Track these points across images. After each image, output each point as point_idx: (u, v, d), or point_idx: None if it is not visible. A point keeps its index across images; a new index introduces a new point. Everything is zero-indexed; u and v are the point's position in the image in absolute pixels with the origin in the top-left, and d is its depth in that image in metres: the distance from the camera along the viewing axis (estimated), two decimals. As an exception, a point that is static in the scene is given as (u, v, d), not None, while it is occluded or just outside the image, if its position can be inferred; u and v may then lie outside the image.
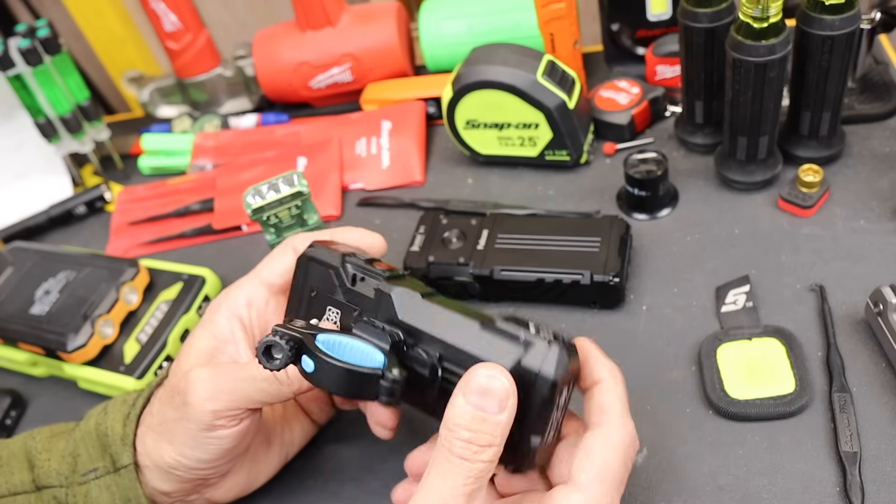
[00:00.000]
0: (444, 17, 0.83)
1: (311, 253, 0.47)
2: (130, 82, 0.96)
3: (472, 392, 0.36)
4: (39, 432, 0.51)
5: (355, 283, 0.44)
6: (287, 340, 0.38)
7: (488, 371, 0.36)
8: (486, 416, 0.36)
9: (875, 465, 0.46)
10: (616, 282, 0.57)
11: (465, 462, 0.36)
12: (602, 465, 0.38)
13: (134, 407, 0.48)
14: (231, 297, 0.48)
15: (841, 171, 0.64)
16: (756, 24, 0.55)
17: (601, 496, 0.37)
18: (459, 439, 0.36)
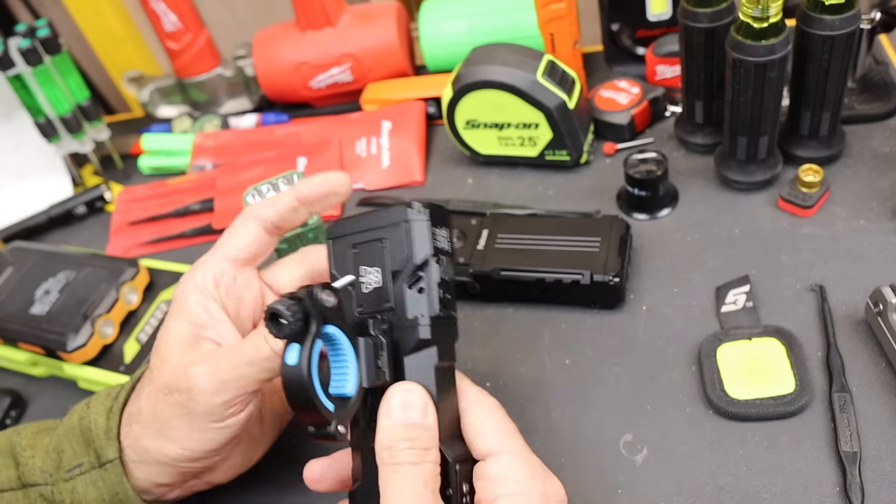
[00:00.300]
0: (444, 17, 0.83)
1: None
2: (130, 82, 0.96)
3: (395, 409, 0.38)
4: (25, 428, 0.50)
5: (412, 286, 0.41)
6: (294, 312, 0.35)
7: (402, 386, 0.39)
8: (415, 422, 0.38)
9: (875, 465, 0.46)
10: (616, 282, 0.57)
11: (416, 465, 0.37)
12: (495, 425, 0.40)
13: (116, 400, 0.47)
14: (198, 279, 0.46)
15: (841, 171, 0.64)
16: (756, 24, 0.55)
17: (517, 445, 0.40)
18: (402, 449, 0.37)
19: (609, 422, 0.52)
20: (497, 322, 0.60)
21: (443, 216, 0.42)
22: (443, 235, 0.42)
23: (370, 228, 0.42)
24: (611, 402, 0.53)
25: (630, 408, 0.52)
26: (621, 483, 0.49)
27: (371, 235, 0.42)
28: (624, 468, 0.49)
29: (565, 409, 0.53)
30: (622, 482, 0.49)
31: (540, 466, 0.40)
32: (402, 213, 0.41)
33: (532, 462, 0.40)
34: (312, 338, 0.36)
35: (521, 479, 0.38)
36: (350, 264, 0.42)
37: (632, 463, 0.50)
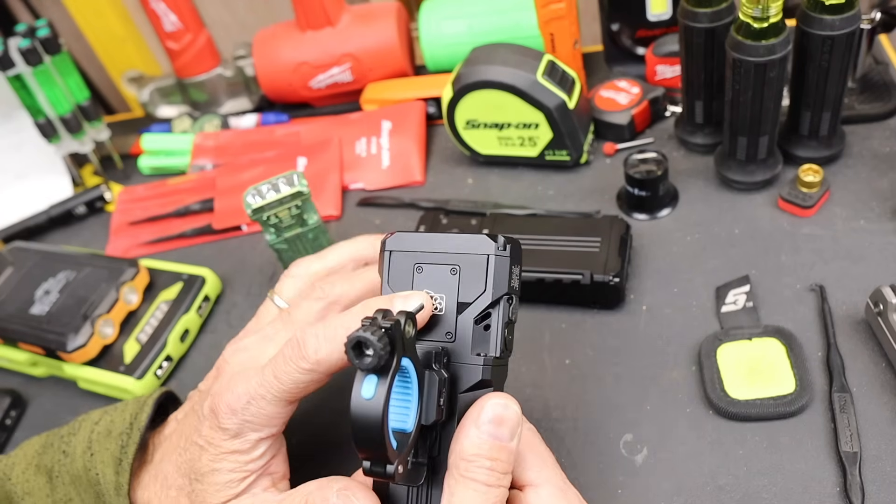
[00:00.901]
0: (444, 17, 0.83)
1: None
2: (130, 82, 0.96)
3: (486, 422, 0.36)
4: (12, 469, 0.48)
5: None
6: (385, 344, 0.32)
7: (500, 400, 0.36)
8: (503, 444, 0.36)
9: (875, 465, 0.46)
10: (616, 282, 0.57)
11: (491, 488, 0.36)
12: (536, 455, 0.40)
13: (125, 454, 0.45)
14: (262, 426, 0.41)
15: (841, 171, 0.64)
16: (756, 24, 0.55)
17: (557, 476, 0.39)
18: (482, 468, 0.35)
19: (609, 422, 0.52)
20: (497, 322, 0.60)
21: (519, 253, 0.39)
22: (516, 274, 0.39)
23: (443, 251, 0.39)
24: (611, 402, 0.53)
25: (630, 408, 0.52)
26: (621, 483, 0.49)
27: (443, 259, 0.39)
28: (624, 468, 0.49)
29: (565, 409, 0.53)
30: (622, 482, 0.49)
31: (578, 498, 0.40)
32: (485, 245, 0.38)
33: (570, 493, 0.39)
34: (393, 372, 0.33)
35: None
36: (409, 283, 0.39)
37: (632, 463, 0.50)
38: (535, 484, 0.39)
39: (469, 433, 0.36)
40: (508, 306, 0.38)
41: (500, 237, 0.38)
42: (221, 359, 0.46)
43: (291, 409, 0.42)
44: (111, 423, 0.47)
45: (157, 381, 0.62)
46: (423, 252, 0.39)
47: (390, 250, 0.40)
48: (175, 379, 0.63)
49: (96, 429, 0.48)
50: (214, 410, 0.41)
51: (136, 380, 0.60)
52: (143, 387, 0.60)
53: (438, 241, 0.39)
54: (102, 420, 0.48)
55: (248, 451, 0.41)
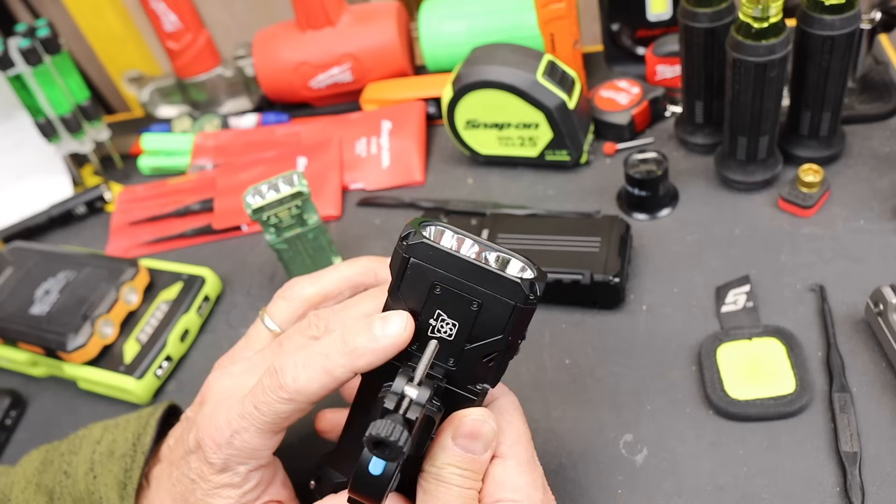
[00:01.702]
0: (444, 17, 0.83)
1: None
2: (130, 82, 0.96)
3: (463, 436, 0.37)
4: (12, 488, 0.48)
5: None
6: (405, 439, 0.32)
7: (477, 415, 0.38)
8: (475, 457, 0.38)
9: (875, 465, 0.46)
10: (616, 282, 0.57)
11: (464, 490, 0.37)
12: (514, 429, 0.40)
13: (129, 479, 0.45)
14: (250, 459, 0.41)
15: (841, 171, 0.64)
16: (756, 24, 0.55)
17: (526, 454, 0.40)
18: (453, 474, 0.37)
19: (609, 422, 0.52)
20: (497, 322, 0.60)
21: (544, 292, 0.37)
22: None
23: (468, 281, 0.36)
24: (611, 402, 0.53)
25: (630, 408, 0.52)
26: (621, 483, 0.49)
27: (466, 289, 0.36)
28: (624, 468, 0.49)
29: (565, 409, 0.53)
30: (622, 482, 0.49)
31: (542, 477, 0.40)
32: (516, 293, 0.35)
33: (535, 472, 0.40)
34: (405, 457, 0.34)
35: (522, 486, 0.39)
36: (422, 298, 0.37)
37: (632, 463, 0.50)
38: (503, 456, 0.39)
39: (445, 444, 0.37)
40: (518, 345, 0.38)
41: (537, 285, 0.36)
42: (206, 385, 0.45)
43: (278, 438, 0.40)
44: (113, 443, 0.47)
45: (157, 382, 0.62)
46: (447, 275, 0.36)
47: (409, 257, 0.36)
48: (175, 379, 0.63)
49: (98, 448, 0.47)
50: (200, 443, 0.40)
51: (136, 380, 0.60)
52: (143, 387, 0.60)
53: (465, 266, 0.36)
54: (104, 439, 0.48)
55: (240, 484, 0.40)
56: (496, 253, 0.37)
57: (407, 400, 0.34)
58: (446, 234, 0.37)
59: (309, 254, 0.63)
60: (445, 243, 0.37)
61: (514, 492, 0.38)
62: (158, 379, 0.62)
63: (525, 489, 0.39)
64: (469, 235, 0.37)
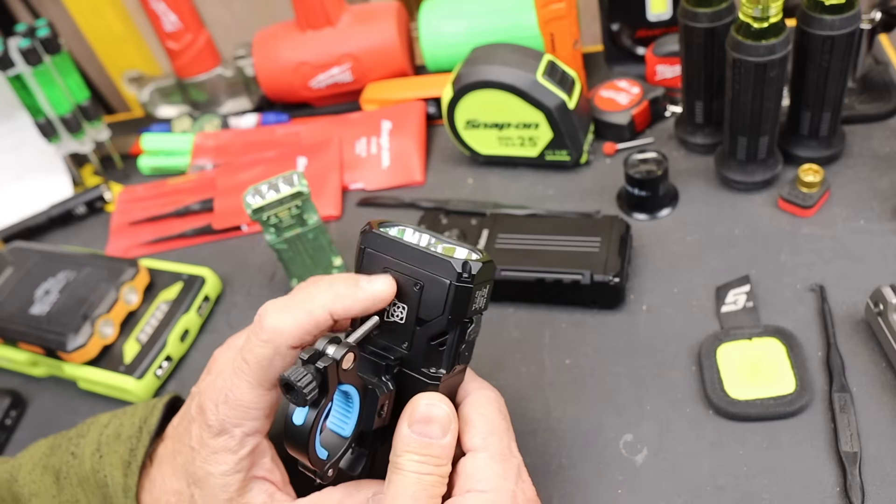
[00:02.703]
0: (444, 17, 0.83)
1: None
2: (130, 82, 0.96)
3: (417, 421, 0.38)
4: (19, 470, 0.48)
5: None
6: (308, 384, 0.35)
7: (429, 399, 0.39)
8: (432, 441, 0.38)
9: (875, 465, 0.46)
10: (616, 282, 0.57)
11: (421, 476, 0.38)
12: (487, 423, 0.41)
13: (134, 456, 0.46)
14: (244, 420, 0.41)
15: (841, 171, 0.64)
16: (756, 24, 0.55)
17: (496, 445, 0.40)
18: (412, 461, 0.38)
19: (609, 422, 0.52)
20: (497, 322, 0.60)
21: (490, 273, 0.39)
22: (482, 295, 0.39)
23: (412, 264, 0.38)
24: (611, 402, 0.53)
25: (630, 408, 0.52)
26: (621, 483, 0.49)
27: (410, 272, 0.38)
28: (624, 468, 0.49)
29: (565, 409, 0.53)
30: (622, 482, 0.49)
31: (515, 468, 0.40)
32: (448, 272, 0.37)
33: (507, 463, 0.40)
34: (324, 406, 0.36)
35: (490, 477, 0.39)
36: None
37: (632, 463, 0.50)
38: (475, 449, 0.40)
39: (401, 431, 0.38)
40: (466, 328, 0.39)
41: (470, 263, 0.37)
42: (212, 358, 0.46)
43: (270, 397, 0.41)
44: (120, 427, 0.48)
45: (157, 382, 0.62)
46: (395, 260, 0.39)
47: (364, 247, 0.40)
48: (175, 379, 0.63)
49: (105, 432, 0.48)
50: (201, 408, 0.41)
51: (136, 380, 0.60)
52: (143, 387, 0.60)
53: (410, 252, 0.38)
54: (112, 423, 0.48)
55: (236, 448, 0.41)
56: (445, 244, 0.39)
57: (319, 353, 0.36)
58: (405, 230, 0.40)
59: (309, 254, 0.63)
60: (396, 234, 0.40)
61: (483, 482, 0.39)
62: (158, 379, 0.62)
63: (494, 479, 0.39)
64: (429, 232, 0.40)
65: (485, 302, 0.40)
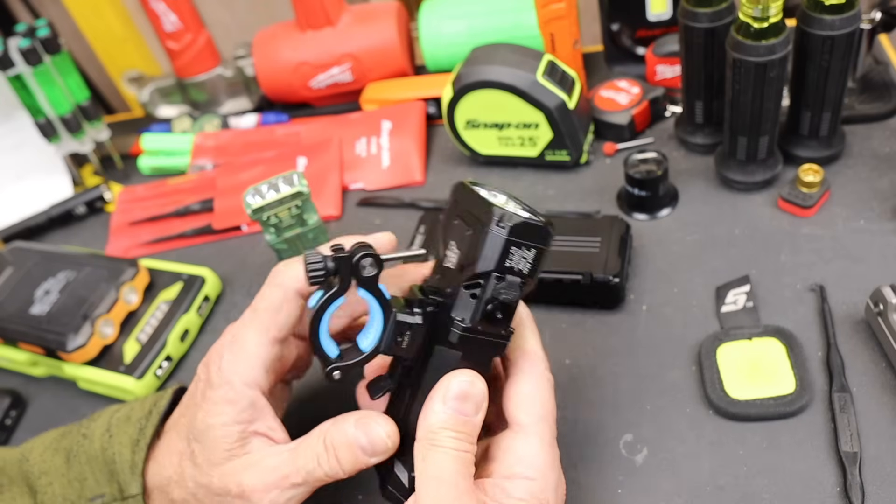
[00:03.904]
0: (444, 17, 0.83)
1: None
2: (130, 82, 0.96)
3: (452, 398, 0.39)
4: (31, 451, 0.49)
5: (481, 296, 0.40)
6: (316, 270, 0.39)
7: (466, 377, 0.39)
8: (468, 418, 0.39)
9: (875, 465, 0.46)
10: (616, 282, 0.57)
11: (457, 452, 0.38)
12: (540, 405, 0.42)
13: (143, 434, 0.46)
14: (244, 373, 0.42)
15: (841, 171, 0.64)
16: (756, 24, 0.55)
17: (548, 433, 0.41)
18: (449, 437, 0.38)
19: (609, 422, 0.52)
20: (497, 322, 0.60)
21: (533, 235, 0.39)
22: (523, 256, 0.39)
23: (472, 212, 0.40)
24: (611, 402, 0.53)
25: (630, 408, 0.52)
26: (621, 483, 0.49)
27: (469, 218, 0.40)
28: (624, 468, 0.49)
29: (565, 409, 0.53)
30: (622, 482, 0.49)
31: (558, 459, 0.41)
32: (487, 218, 0.38)
33: (554, 453, 0.41)
34: (333, 293, 0.40)
35: (540, 465, 0.40)
36: (448, 228, 0.42)
37: (632, 463, 0.50)
38: (527, 432, 0.41)
39: (435, 408, 0.39)
40: (496, 284, 0.39)
41: (508, 214, 0.38)
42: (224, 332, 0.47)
43: (272, 350, 0.43)
44: (131, 411, 0.49)
45: (158, 381, 0.62)
46: (464, 207, 0.41)
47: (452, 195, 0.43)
48: (175, 379, 0.63)
49: (116, 415, 0.49)
50: (206, 364, 0.43)
51: (137, 380, 0.60)
52: (143, 387, 0.60)
53: (477, 201, 0.40)
54: (122, 409, 0.50)
55: (235, 399, 0.42)
56: (515, 202, 0.41)
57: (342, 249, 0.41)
58: (487, 187, 0.42)
59: (309, 254, 0.63)
60: (476, 188, 0.42)
61: (532, 469, 0.40)
62: (158, 379, 0.62)
63: (542, 468, 0.40)
64: (508, 194, 0.42)
65: (527, 266, 0.39)
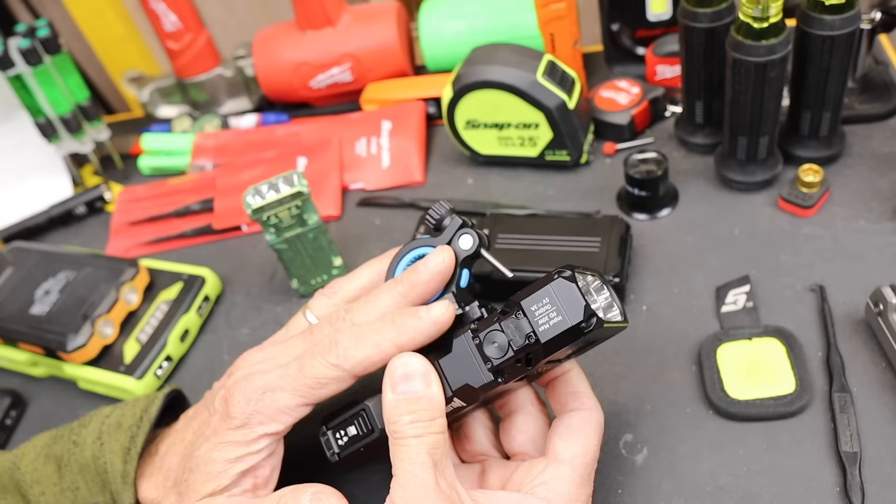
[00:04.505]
0: (444, 17, 0.83)
1: None
2: (130, 82, 0.96)
3: (397, 383, 0.39)
4: (22, 459, 0.49)
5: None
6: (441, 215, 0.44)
7: (401, 359, 0.40)
8: (418, 394, 0.39)
9: (875, 465, 0.46)
10: (616, 282, 0.57)
11: (421, 438, 0.38)
12: (585, 442, 0.42)
13: (134, 443, 0.46)
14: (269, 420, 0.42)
15: (841, 171, 0.64)
16: (756, 24, 0.55)
17: (584, 470, 0.41)
18: (405, 424, 0.38)
19: (609, 422, 0.52)
20: (497, 322, 0.60)
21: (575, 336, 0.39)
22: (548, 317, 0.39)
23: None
24: (611, 402, 0.53)
25: (630, 408, 0.52)
26: (621, 483, 0.49)
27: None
28: (624, 468, 0.49)
29: (565, 409, 0.53)
30: (622, 482, 0.49)
31: (586, 497, 0.42)
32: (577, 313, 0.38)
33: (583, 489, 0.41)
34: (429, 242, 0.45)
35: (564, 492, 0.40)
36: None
37: (632, 463, 0.50)
38: (560, 461, 0.41)
39: (387, 399, 0.39)
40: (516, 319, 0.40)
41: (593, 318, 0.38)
42: (234, 364, 0.47)
43: (304, 411, 0.42)
44: (122, 417, 0.48)
45: (158, 381, 0.62)
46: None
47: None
48: (175, 379, 0.63)
49: (107, 421, 0.48)
50: (226, 400, 0.42)
51: (137, 380, 0.60)
52: (144, 387, 0.60)
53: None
54: (113, 414, 0.49)
55: (249, 443, 0.41)
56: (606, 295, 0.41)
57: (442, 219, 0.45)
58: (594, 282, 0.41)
59: (309, 254, 0.63)
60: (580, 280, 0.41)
61: (555, 493, 0.40)
62: (158, 379, 0.62)
63: (566, 497, 0.40)
64: (607, 287, 0.42)
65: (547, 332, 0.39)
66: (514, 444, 0.45)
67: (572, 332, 0.38)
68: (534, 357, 0.40)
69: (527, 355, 0.39)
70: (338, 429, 0.44)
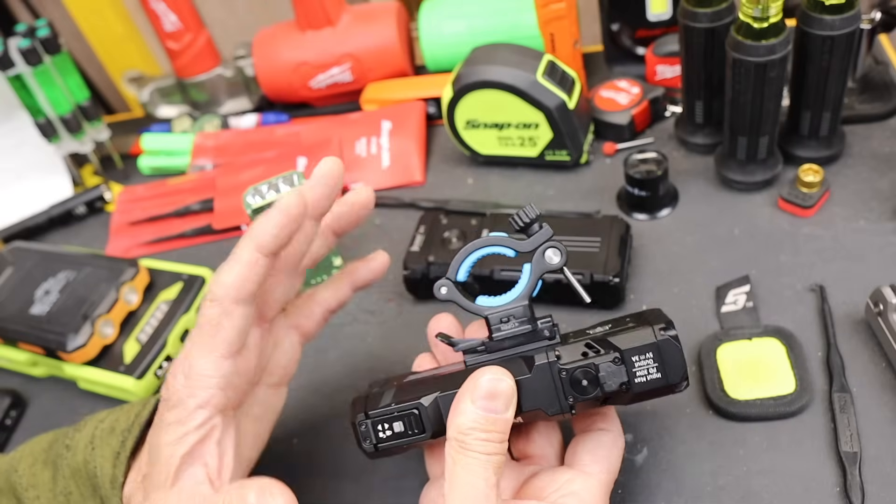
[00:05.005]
0: (444, 17, 0.83)
1: None
2: (130, 82, 0.96)
3: (481, 397, 0.39)
4: (20, 462, 0.49)
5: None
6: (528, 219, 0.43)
7: (494, 375, 0.39)
8: (497, 416, 0.39)
9: (875, 465, 0.46)
10: (616, 282, 0.57)
11: (489, 456, 0.38)
12: (611, 461, 0.43)
13: (123, 447, 0.46)
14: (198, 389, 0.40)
15: (841, 171, 0.64)
16: (756, 24, 0.55)
17: (608, 488, 0.43)
18: (478, 440, 0.38)
19: (609, 422, 0.52)
20: (497, 322, 0.60)
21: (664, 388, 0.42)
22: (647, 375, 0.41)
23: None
24: (611, 402, 0.53)
25: (630, 408, 0.52)
26: (621, 483, 0.49)
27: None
28: (624, 468, 0.49)
29: (565, 409, 0.53)
30: (622, 482, 0.49)
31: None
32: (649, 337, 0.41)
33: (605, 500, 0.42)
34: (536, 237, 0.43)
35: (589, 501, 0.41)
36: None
37: (632, 463, 0.50)
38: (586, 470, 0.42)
39: (465, 408, 0.39)
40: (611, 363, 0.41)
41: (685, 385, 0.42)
42: None
43: (223, 366, 0.41)
44: (115, 421, 0.48)
45: (157, 381, 0.62)
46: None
47: None
48: (175, 379, 0.63)
49: (101, 426, 0.48)
50: (165, 383, 0.42)
51: (136, 380, 0.60)
52: (144, 387, 0.60)
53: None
54: (107, 419, 0.49)
55: (185, 420, 0.40)
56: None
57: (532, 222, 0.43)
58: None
59: (309, 254, 0.63)
60: None
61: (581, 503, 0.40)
62: (158, 379, 0.62)
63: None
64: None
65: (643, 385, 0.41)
66: (533, 447, 0.45)
67: (666, 390, 0.40)
68: (614, 400, 0.41)
69: (609, 398, 0.40)
70: (383, 421, 0.42)
